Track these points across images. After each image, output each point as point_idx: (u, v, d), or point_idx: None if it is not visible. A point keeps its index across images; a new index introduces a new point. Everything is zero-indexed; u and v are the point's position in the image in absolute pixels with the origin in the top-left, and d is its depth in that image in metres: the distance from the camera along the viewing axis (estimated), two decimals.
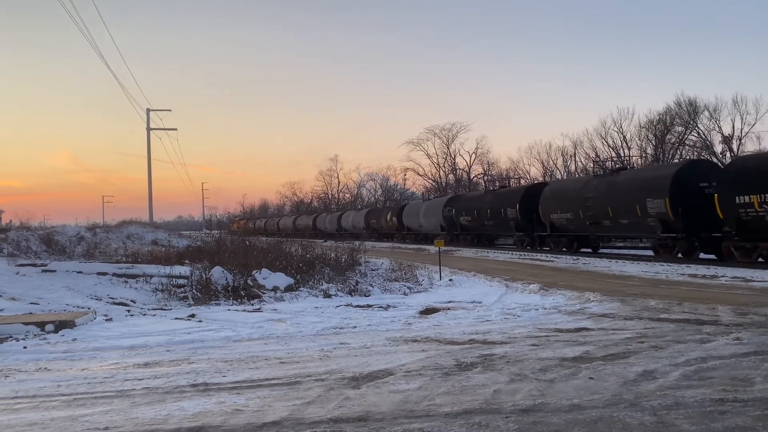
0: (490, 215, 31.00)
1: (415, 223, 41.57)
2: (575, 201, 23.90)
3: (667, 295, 10.90)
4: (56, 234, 27.81)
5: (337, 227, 57.58)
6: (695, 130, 43.63)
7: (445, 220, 36.54)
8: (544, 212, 26.12)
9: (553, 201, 25.70)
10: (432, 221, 38.72)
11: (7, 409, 4.87)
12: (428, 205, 41.12)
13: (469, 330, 8.18)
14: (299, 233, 62.63)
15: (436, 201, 41.26)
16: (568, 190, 25.72)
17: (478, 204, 33.09)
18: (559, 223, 25.27)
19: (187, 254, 19.31)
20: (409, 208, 45.13)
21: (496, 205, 30.43)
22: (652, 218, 19.56)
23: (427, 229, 40.08)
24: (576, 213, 23.71)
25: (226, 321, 9.43)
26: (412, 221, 42.25)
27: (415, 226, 41.87)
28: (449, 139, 68.37)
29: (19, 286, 12.40)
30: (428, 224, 39.56)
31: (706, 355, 6.07)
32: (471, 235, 34.79)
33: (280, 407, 4.69)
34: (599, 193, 22.64)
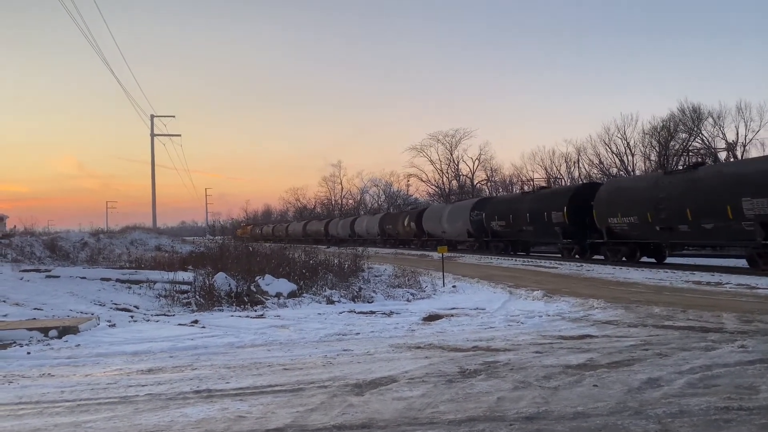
0: (529, 220, 27.23)
1: (437, 228, 38.54)
2: (642, 202, 20.28)
3: (671, 302, 10.87)
4: (60, 239, 27.89)
5: (350, 233, 55.45)
6: (699, 136, 43.62)
7: (472, 226, 33.28)
8: (599, 216, 22.57)
9: (611, 203, 22.02)
10: (457, 226, 35.54)
11: (11, 415, 4.88)
12: (453, 208, 37.67)
13: (472, 337, 8.16)
14: (310, 239, 61.20)
15: (462, 204, 37.77)
16: (632, 189, 21.78)
17: (514, 207, 29.19)
18: (619, 229, 21.66)
19: (191, 260, 19.34)
20: (430, 212, 41.85)
21: (538, 208, 26.53)
22: (750, 222, 16.10)
23: (451, 235, 36.97)
24: (642, 217, 20.14)
25: (229, 327, 9.43)
26: (434, 226, 39.24)
27: (437, 232, 38.80)
28: (452, 145, 68.57)
29: (23, 292, 12.43)
30: (453, 230, 36.34)
31: (711, 362, 6.05)
32: (504, 242, 31.29)
33: (284, 414, 4.68)
34: (674, 193, 18.94)
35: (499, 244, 31.59)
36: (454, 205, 39.13)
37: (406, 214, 46.61)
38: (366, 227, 52.74)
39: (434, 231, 39.31)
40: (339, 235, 57.43)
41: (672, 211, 18.93)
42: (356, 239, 52.66)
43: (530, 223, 27.33)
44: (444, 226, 37.17)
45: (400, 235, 45.98)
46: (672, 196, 19.05)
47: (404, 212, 49.72)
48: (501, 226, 30.29)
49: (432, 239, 40.12)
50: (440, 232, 38.11)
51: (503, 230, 30.27)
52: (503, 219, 29.93)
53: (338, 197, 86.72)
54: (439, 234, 38.67)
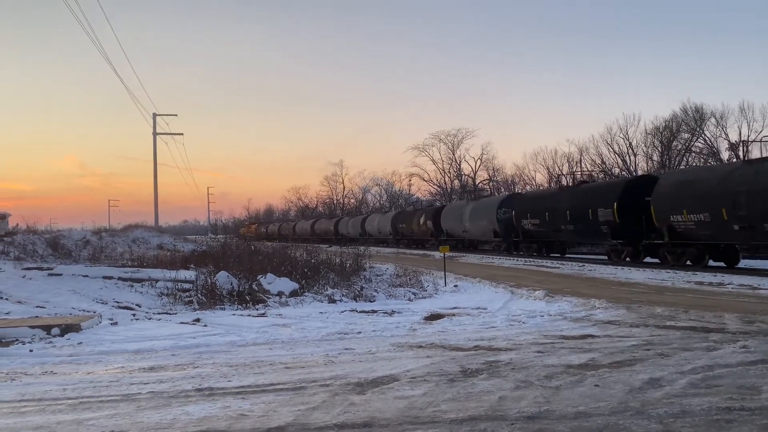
0: (569, 218, 24.23)
1: (458, 227, 35.45)
2: (714, 197, 17.60)
3: (673, 302, 10.86)
4: (62, 238, 27.98)
5: (360, 232, 53.16)
6: (702, 137, 43.54)
7: (500, 224, 30.20)
8: (659, 213, 19.77)
9: (675, 198, 19.19)
10: (481, 225, 32.47)
11: (13, 412, 4.89)
12: (476, 206, 34.18)
13: (474, 336, 8.17)
14: (318, 238, 59.45)
15: (488, 201, 34.44)
16: (701, 182, 18.88)
17: (551, 204, 26.11)
18: (684, 228, 18.87)
19: (193, 259, 19.37)
20: (449, 209, 38.77)
21: (580, 205, 23.55)
22: None
23: (474, 234, 34.17)
24: (716, 214, 17.49)
25: (231, 326, 9.45)
26: (454, 225, 36.24)
27: (458, 232, 35.80)
28: (455, 144, 68.43)
29: (26, 290, 12.46)
30: (476, 229, 33.36)
31: (713, 363, 6.04)
32: (537, 243, 28.05)
33: (285, 412, 4.69)
34: (758, 186, 16.31)
35: (531, 245, 28.40)
36: (477, 202, 35.25)
37: (421, 212, 43.29)
38: (378, 226, 50.29)
39: (454, 230, 36.55)
40: (349, 234, 55.54)
41: (755, 208, 16.28)
42: (367, 238, 50.75)
43: (570, 221, 24.33)
44: (465, 225, 34.31)
45: (414, 234, 43.11)
46: (755, 190, 16.35)
47: (420, 210, 46.20)
48: (534, 225, 27.22)
49: (452, 239, 37.10)
50: (461, 231, 35.36)
51: (536, 230, 27.21)
52: (536, 217, 26.86)
53: (340, 196, 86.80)
54: (459, 233, 35.97)
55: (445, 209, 39.18)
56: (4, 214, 46.69)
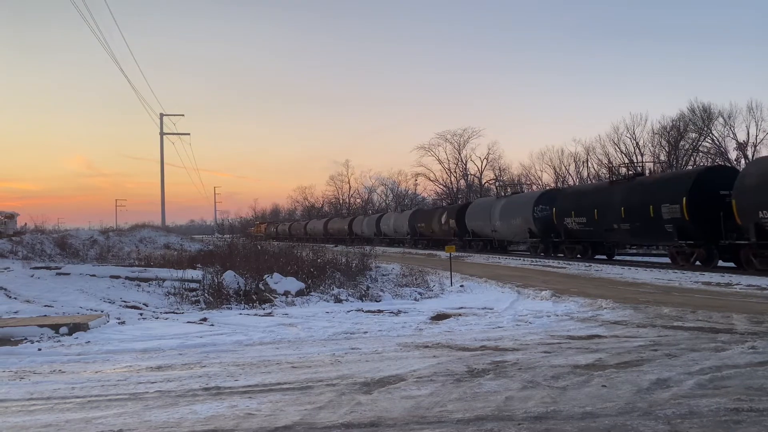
0: (624, 215, 21.33)
1: (485, 226, 32.60)
2: None
3: (680, 302, 10.81)
4: (70, 237, 28.11)
5: (375, 231, 51.43)
6: (709, 136, 43.36)
7: (537, 223, 27.34)
8: (743, 209, 16.57)
9: (764, 191, 15.91)
10: (515, 224, 29.47)
11: (22, 411, 4.92)
12: (508, 203, 31.18)
13: (480, 336, 8.16)
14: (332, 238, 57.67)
15: (522, 197, 31.48)
16: None
17: (600, 200, 23.30)
18: None
19: (199, 258, 19.43)
20: (476, 207, 35.64)
21: (639, 201, 20.66)
22: None
23: (504, 234, 31.07)
24: None
25: (238, 325, 9.47)
26: (481, 224, 33.35)
27: (485, 231, 32.89)
28: (461, 144, 68.45)
29: (34, 289, 12.54)
30: (507, 228, 30.34)
31: (721, 363, 6.02)
32: (583, 244, 24.99)
33: (292, 412, 4.70)
34: None
35: (575, 247, 25.44)
36: (510, 199, 32.08)
37: (442, 210, 40.40)
38: (394, 225, 48.10)
39: (481, 230, 33.52)
40: (364, 234, 53.67)
41: None
42: (383, 238, 49.20)
43: (626, 219, 21.31)
44: (495, 223, 31.32)
45: (435, 234, 40.03)
46: None
47: (440, 208, 43.53)
48: (579, 224, 24.25)
49: (478, 239, 34.30)
50: (489, 231, 32.37)
51: (582, 229, 24.25)
52: (582, 215, 23.98)
53: (346, 196, 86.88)
54: (487, 233, 32.90)
55: (471, 207, 36.01)
56: (12, 213, 46.91)
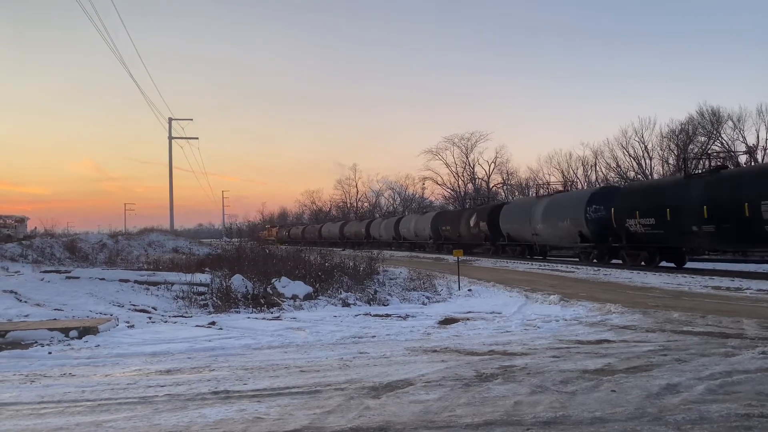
0: (707, 215, 17.80)
1: (524, 229, 29.05)
2: None
3: (690, 307, 10.75)
4: (79, 241, 28.30)
5: (394, 235, 48.47)
6: (719, 140, 43.11)
7: (590, 225, 23.66)
8: None
9: None
10: (561, 227, 25.70)
11: (33, 414, 4.96)
12: (552, 203, 27.31)
13: (489, 341, 8.14)
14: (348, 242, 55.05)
15: (570, 196, 27.90)
16: None
17: (674, 196, 19.79)
18: None
19: (208, 262, 19.52)
20: (512, 208, 32.06)
21: (729, 197, 17.24)
22: None
23: (548, 238, 27.61)
24: None
25: (246, 329, 9.50)
26: (518, 227, 29.80)
27: (524, 235, 29.30)
28: (468, 148, 68.42)
29: (44, 293, 12.63)
30: (552, 232, 26.67)
31: (731, 369, 5.97)
32: (649, 250, 21.35)
33: (301, 416, 4.71)
34: None
35: (639, 253, 21.79)
36: (554, 199, 28.08)
37: (471, 212, 36.66)
38: (414, 228, 44.67)
39: (518, 233, 29.93)
40: (382, 238, 51.15)
41: None
42: (402, 242, 46.87)
43: (710, 220, 17.97)
44: (537, 226, 27.68)
45: (462, 238, 36.18)
46: None
47: (468, 210, 39.65)
48: (646, 227, 20.63)
49: (514, 244, 30.81)
50: (529, 234, 28.69)
51: (650, 232, 20.62)
52: (650, 215, 20.41)
53: (353, 200, 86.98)
54: (526, 237, 29.29)
55: (507, 208, 32.52)
56: (22, 217, 47.26)
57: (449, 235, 38.52)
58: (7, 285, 13.03)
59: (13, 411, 5.05)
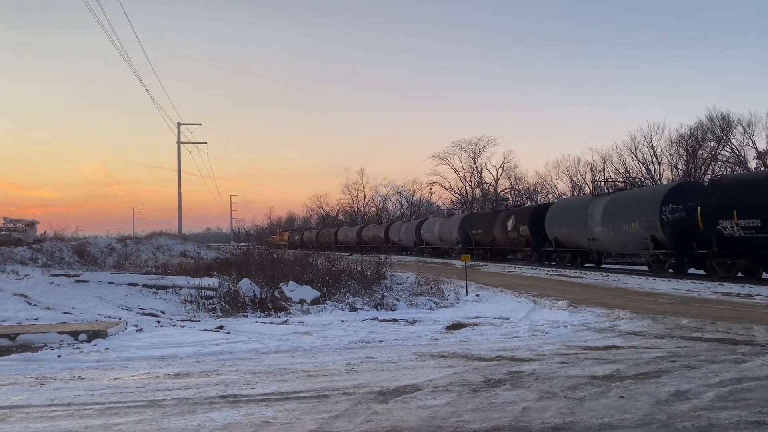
0: None
1: (577, 233, 25.02)
2: None
3: (699, 313, 10.68)
4: (88, 245, 28.49)
5: (415, 239, 45.39)
6: (728, 145, 42.88)
7: (666, 229, 20.03)
8: None
9: None
10: (627, 231, 21.81)
11: (43, 417, 4.99)
12: (615, 202, 23.32)
13: (496, 346, 8.12)
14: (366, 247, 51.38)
15: (640, 194, 24.25)
16: None
17: None
18: None
19: (216, 266, 19.60)
20: (561, 208, 27.99)
21: None
22: None
23: (610, 244, 23.72)
24: None
25: (254, 333, 9.52)
26: (569, 231, 25.83)
27: (578, 240, 25.32)
28: (476, 153, 68.42)
29: (54, 296, 12.72)
30: (614, 236, 22.81)
31: (741, 375, 5.94)
32: (751, 258, 17.56)
33: (309, 420, 4.71)
34: None
35: (737, 261, 17.92)
36: (616, 197, 23.92)
37: (507, 214, 32.29)
38: (439, 232, 40.91)
39: (570, 238, 25.98)
40: (402, 242, 48.47)
41: None
42: (424, 247, 43.95)
43: None
44: (594, 230, 23.76)
45: (497, 243, 32.90)
46: None
47: (503, 211, 34.65)
48: (748, 230, 16.92)
49: (564, 250, 26.77)
50: (583, 239, 24.68)
51: (753, 236, 16.87)
52: (751, 216, 16.80)
53: (361, 205, 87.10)
54: (580, 243, 25.25)
55: (554, 208, 28.38)
56: (32, 221, 47.67)
57: (481, 239, 34.96)
58: (17, 288, 13.13)
59: (23, 413, 5.09)
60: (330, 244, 61.16)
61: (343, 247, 56.34)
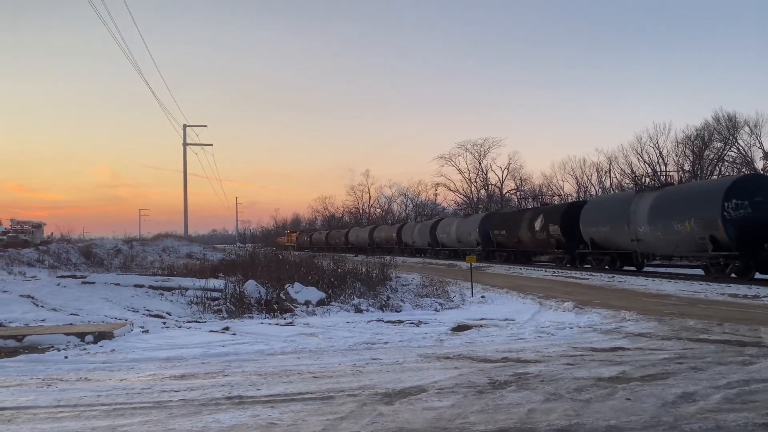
0: None
1: (619, 233, 22.11)
2: None
3: (706, 315, 10.63)
4: (95, 247, 28.62)
5: (430, 240, 42.85)
6: (735, 145, 42.67)
7: (729, 228, 17.44)
8: None
9: None
10: (680, 231, 19.14)
11: (50, 418, 5.01)
12: (663, 197, 20.56)
13: (502, 348, 8.11)
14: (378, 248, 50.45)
15: (694, 188, 21.55)
16: None
17: None
18: None
19: (221, 267, 19.62)
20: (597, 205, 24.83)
21: None
22: None
23: (658, 245, 20.88)
24: None
25: (260, 334, 9.53)
26: (608, 231, 22.82)
27: (619, 240, 22.38)
28: (481, 154, 68.30)
29: (60, 298, 12.76)
30: (663, 237, 19.98)
31: (749, 377, 5.90)
32: None
33: (314, 422, 4.71)
34: None
35: None
36: (665, 192, 21.04)
37: (536, 213, 28.97)
38: (456, 233, 38.07)
39: (610, 238, 22.96)
40: (415, 244, 46.54)
41: None
42: (440, 249, 41.36)
43: None
44: (639, 229, 21.02)
45: (524, 244, 30.07)
46: None
47: (531, 210, 31.53)
48: None
49: (602, 253, 23.67)
50: (627, 240, 21.86)
51: None
52: None
53: (366, 206, 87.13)
54: (622, 243, 22.33)
55: (590, 206, 25.30)
56: (39, 223, 47.95)
57: (504, 240, 32.18)
58: (25, 290, 13.19)
59: (30, 415, 5.11)
60: (340, 246, 59.88)
61: (354, 248, 54.88)
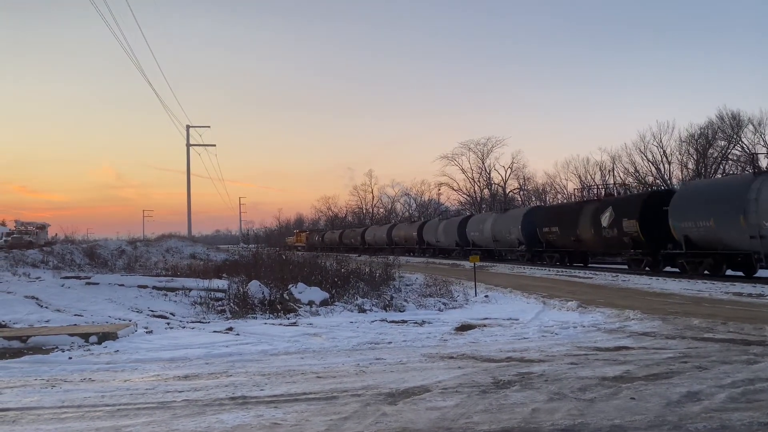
0: None
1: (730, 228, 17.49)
2: None
3: (710, 313, 10.60)
4: (99, 248, 28.64)
5: (457, 240, 38.16)
6: (739, 144, 42.52)
7: None
8: None
9: None
10: None
11: (54, 419, 5.02)
12: None
13: (506, 347, 8.09)
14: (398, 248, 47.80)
15: None
16: None
17: None
18: None
19: (225, 268, 19.63)
20: (696, 194, 19.85)
21: None
22: None
23: None
24: None
25: (263, 334, 9.54)
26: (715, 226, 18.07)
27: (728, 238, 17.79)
28: (484, 153, 68.16)
29: (64, 298, 12.79)
30: None
31: (754, 376, 5.88)
32: None
33: (318, 422, 4.71)
34: None
35: None
36: None
37: (603, 205, 23.71)
38: (492, 231, 32.92)
39: (715, 235, 18.25)
40: (439, 243, 42.11)
41: None
42: (470, 249, 35.67)
43: None
44: (762, 223, 16.46)
45: (584, 243, 25.35)
46: None
47: (593, 202, 25.45)
48: None
49: (702, 254, 19.20)
50: (745, 236, 17.01)
51: None
52: None
53: (369, 206, 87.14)
54: (734, 241, 17.73)
55: (682, 194, 20.48)
56: (43, 224, 48.12)
57: (557, 239, 27.15)
58: (29, 291, 13.22)
59: (34, 415, 5.12)
60: (355, 246, 57.11)
61: (371, 249, 52.02)
